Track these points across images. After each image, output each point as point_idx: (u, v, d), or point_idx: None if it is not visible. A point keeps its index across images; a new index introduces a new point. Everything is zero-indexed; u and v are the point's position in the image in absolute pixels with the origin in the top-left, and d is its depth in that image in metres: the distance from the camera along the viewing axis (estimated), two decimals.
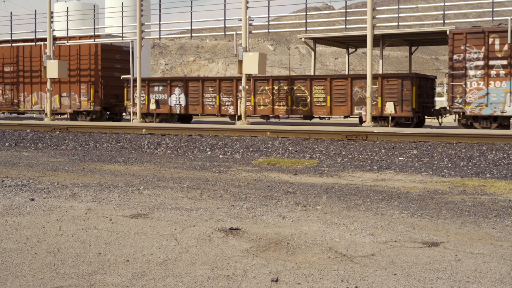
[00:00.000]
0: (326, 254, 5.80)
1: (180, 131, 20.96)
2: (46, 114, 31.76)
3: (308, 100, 25.71)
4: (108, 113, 31.70)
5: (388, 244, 6.15)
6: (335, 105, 25.28)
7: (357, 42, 34.71)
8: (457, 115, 23.83)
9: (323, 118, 27.60)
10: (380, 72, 33.00)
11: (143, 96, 29.01)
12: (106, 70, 31.09)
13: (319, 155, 15.88)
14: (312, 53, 34.97)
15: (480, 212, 7.94)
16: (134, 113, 29.32)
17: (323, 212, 7.91)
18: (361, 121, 25.11)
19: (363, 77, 25.00)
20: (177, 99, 28.81)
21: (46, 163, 14.35)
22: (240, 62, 26.09)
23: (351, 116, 26.09)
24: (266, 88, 26.72)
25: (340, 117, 27.83)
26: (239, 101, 26.81)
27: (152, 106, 29.24)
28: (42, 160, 15.16)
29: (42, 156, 16.23)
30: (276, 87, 26.55)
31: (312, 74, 33.49)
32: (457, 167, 13.54)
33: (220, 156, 16.55)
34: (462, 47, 23.06)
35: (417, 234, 6.62)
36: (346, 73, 36.15)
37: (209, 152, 17.22)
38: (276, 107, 26.56)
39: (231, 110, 27.61)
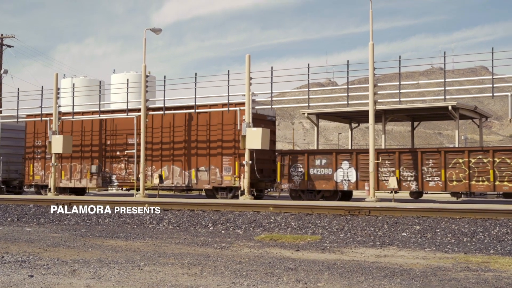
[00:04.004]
0: None
1: (183, 206, 20.92)
2: (49, 189, 31.60)
3: None
4: (252, 189, 27.63)
5: None
6: None
7: (360, 117, 35.03)
8: None
9: None
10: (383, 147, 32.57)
11: (301, 171, 26.51)
12: None
13: (322, 231, 15.79)
14: (315, 127, 35.24)
15: None
16: (283, 190, 27.30)
17: None
18: None
19: None
20: (344, 174, 25.93)
21: (47, 238, 14.30)
22: (244, 137, 26.34)
23: None
24: (461, 161, 23.86)
25: None
26: (424, 176, 24.40)
27: (156, 181, 28.86)
28: (43, 235, 15.11)
29: (43, 232, 16.18)
30: (473, 160, 23.64)
31: (316, 148, 33.55)
32: (460, 243, 13.43)
33: (222, 231, 16.47)
34: None
35: None
36: (349, 147, 36.31)
37: (211, 228, 17.15)
38: (473, 182, 23.53)
39: (414, 187, 24.66)
